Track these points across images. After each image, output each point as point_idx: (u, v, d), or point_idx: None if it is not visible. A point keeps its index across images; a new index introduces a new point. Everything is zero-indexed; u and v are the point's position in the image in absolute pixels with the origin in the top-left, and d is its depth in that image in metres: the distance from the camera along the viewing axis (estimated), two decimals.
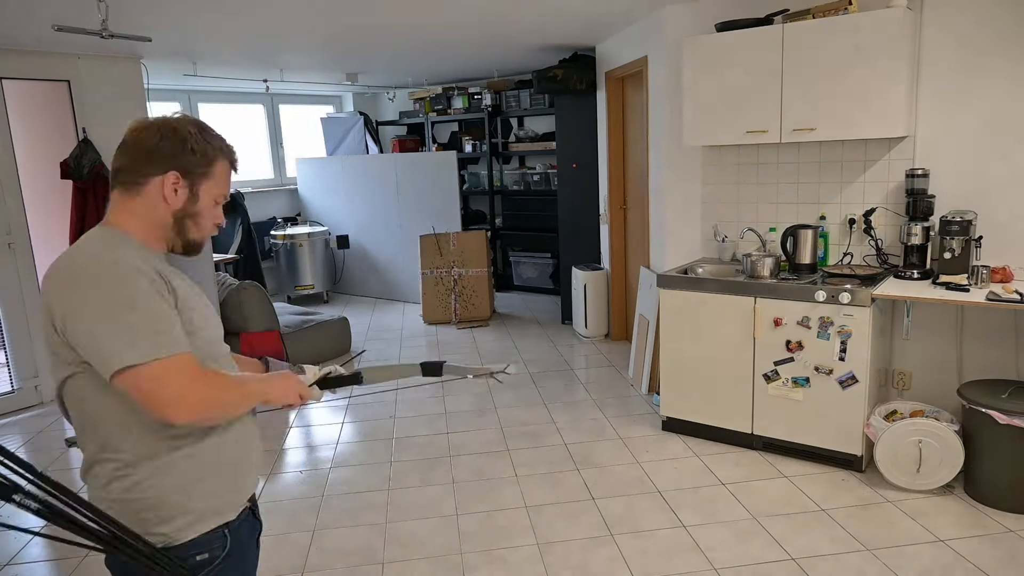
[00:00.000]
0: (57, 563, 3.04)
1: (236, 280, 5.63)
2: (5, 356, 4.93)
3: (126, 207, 1.41)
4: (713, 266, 4.11)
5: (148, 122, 1.42)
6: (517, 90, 7.30)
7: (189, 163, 1.41)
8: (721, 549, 2.87)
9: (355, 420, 4.46)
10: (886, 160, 3.63)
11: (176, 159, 1.40)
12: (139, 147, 1.39)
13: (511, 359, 5.50)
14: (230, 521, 1.45)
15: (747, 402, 3.67)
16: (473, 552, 2.94)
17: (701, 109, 3.84)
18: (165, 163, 1.39)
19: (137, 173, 1.39)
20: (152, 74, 5.59)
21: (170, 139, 1.39)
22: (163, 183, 1.39)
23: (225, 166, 1.48)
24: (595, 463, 3.69)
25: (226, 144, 1.48)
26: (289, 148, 8.51)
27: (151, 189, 1.39)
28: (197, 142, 1.41)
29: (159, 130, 1.39)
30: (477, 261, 6.71)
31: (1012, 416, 2.93)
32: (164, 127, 1.40)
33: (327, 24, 4.42)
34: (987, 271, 3.21)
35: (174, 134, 1.40)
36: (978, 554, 2.76)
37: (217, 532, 1.43)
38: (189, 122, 1.43)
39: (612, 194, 5.60)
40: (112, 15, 3.78)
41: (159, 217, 1.41)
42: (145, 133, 1.39)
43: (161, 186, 1.39)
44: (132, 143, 1.40)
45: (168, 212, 1.42)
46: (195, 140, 1.41)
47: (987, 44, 3.29)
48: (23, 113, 4.95)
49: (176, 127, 1.41)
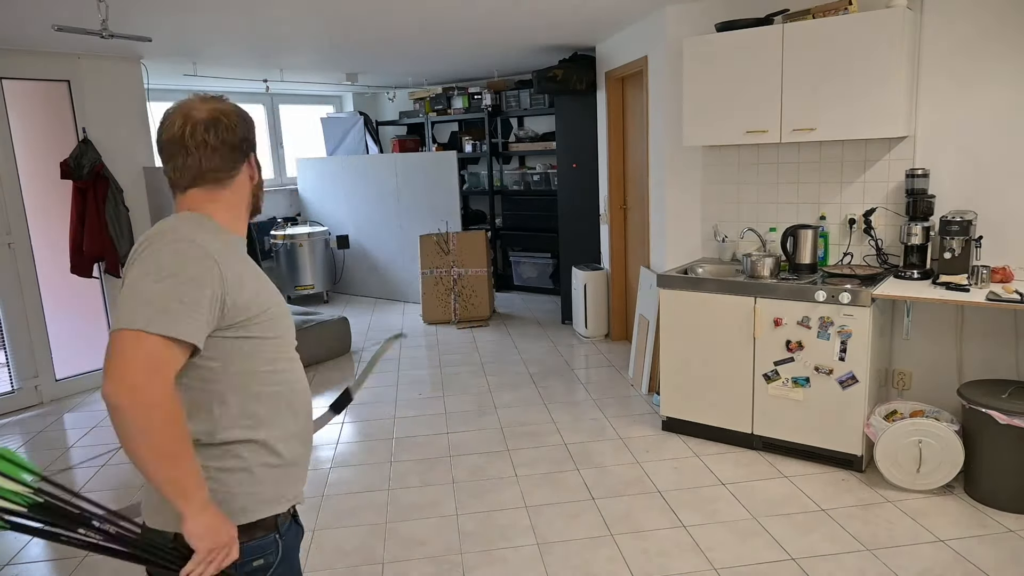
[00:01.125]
0: (57, 563, 3.04)
1: None
2: (5, 356, 4.92)
3: (213, 198, 1.41)
4: (713, 266, 4.11)
5: (221, 110, 1.40)
6: (517, 90, 7.30)
7: (255, 138, 1.48)
8: (721, 549, 2.87)
9: (355, 420, 4.46)
10: (886, 160, 3.63)
11: (253, 141, 1.47)
12: (229, 144, 1.40)
13: (511, 359, 5.50)
14: (280, 525, 1.45)
15: (747, 402, 3.67)
16: (473, 552, 2.94)
17: (701, 109, 3.84)
18: (249, 147, 1.45)
19: (233, 168, 1.42)
20: (152, 74, 5.60)
21: (246, 123, 1.44)
22: (249, 165, 1.46)
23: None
24: (595, 463, 3.69)
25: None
26: (289, 148, 8.51)
27: (241, 175, 1.45)
28: (247, 116, 1.46)
29: (238, 118, 1.42)
30: (477, 261, 6.71)
31: (1012, 416, 2.93)
32: (239, 114, 1.43)
33: (327, 24, 4.42)
34: (987, 271, 3.21)
35: (243, 119, 1.43)
36: (978, 554, 2.76)
37: (270, 538, 1.42)
38: (226, 102, 1.44)
39: (612, 194, 5.60)
40: (112, 15, 3.78)
41: (246, 196, 1.47)
42: (229, 131, 1.39)
43: (248, 168, 1.46)
44: (221, 142, 1.38)
45: (251, 190, 1.49)
46: (246, 115, 1.45)
47: (987, 44, 3.29)
48: (23, 113, 4.95)
49: (236, 111, 1.43)
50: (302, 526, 1.58)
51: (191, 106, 1.38)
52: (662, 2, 4.13)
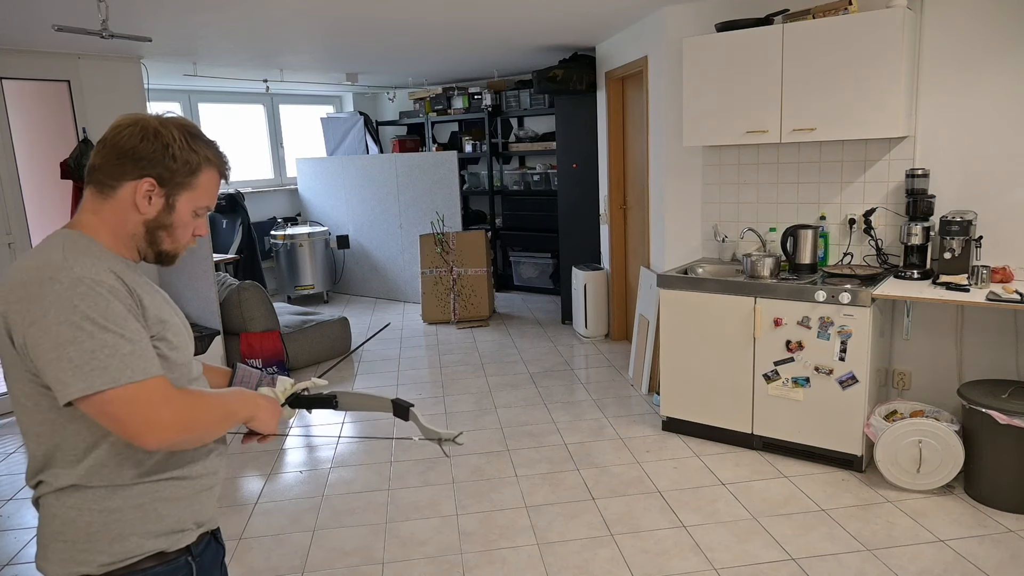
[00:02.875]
0: None
1: (236, 280, 5.63)
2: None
3: (96, 209, 1.30)
4: (713, 266, 4.11)
5: (131, 120, 1.31)
6: (517, 90, 7.30)
7: (168, 171, 1.29)
8: (721, 549, 2.87)
9: (355, 420, 4.46)
10: (886, 160, 3.63)
11: (153, 165, 1.28)
12: (116, 146, 1.28)
13: (511, 359, 5.50)
14: (191, 545, 1.38)
15: (747, 402, 3.67)
16: (473, 552, 2.94)
17: (701, 109, 3.84)
18: (141, 168, 1.28)
19: (111, 174, 1.28)
20: (152, 74, 5.60)
21: (151, 142, 1.28)
22: (136, 189, 1.28)
23: (212, 176, 1.36)
24: (595, 463, 3.69)
25: (216, 152, 1.36)
26: (289, 148, 8.51)
27: (124, 193, 1.29)
28: (180, 149, 1.30)
29: (141, 131, 1.28)
30: (477, 261, 6.71)
31: (1012, 416, 2.93)
32: (147, 128, 1.29)
33: (327, 24, 4.42)
34: (987, 271, 3.21)
35: (156, 137, 1.28)
36: (978, 554, 2.76)
37: (180, 560, 1.36)
38: (177, 125, 1.31)
39: (612, 194, 5.60)
40: (112, 15, 3.78)
41: (130, 225, 1.31)
42: (126, 132, 1.28)
43: (134, 192, 1.29)
44: (110, 141, 1.29)
45: (140, 221, 1.31)
46: (179, 146, 1.30)
47: (987, 44, 3.29)
48: (23, 113, 4.96)
49: (160, 130, 1.29)
50: (223, 545, 1.55)
51: (147, 116, 1.33)
52: (662, 2, 4.13)
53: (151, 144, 1.28)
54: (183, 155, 1.30)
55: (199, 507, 1.40)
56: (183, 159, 1.30)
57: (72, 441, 1.26)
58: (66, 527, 1.28)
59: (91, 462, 1.27)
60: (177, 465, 1.35)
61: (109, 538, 1.29)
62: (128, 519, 1.30)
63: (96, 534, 1.28)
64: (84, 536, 1.28)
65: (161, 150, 1.29)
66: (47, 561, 1.31)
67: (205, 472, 1.40)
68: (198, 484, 1.39)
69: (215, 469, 1.44)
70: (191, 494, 1.38)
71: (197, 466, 1.39)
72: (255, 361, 5.13)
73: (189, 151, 1.31)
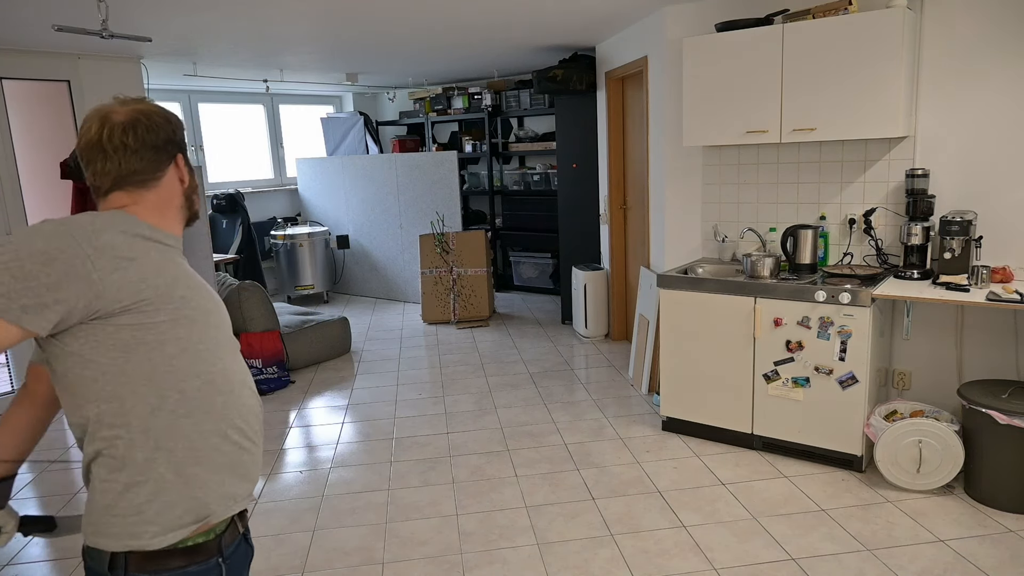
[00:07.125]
0: (57, 563, 3.04)
1: (236, 280, 5.63)
2: (5, 356, 4.92)
3: (137, 199, 1.35)
4: (713, 266, 4.12)
5: (141, 117, 1.34)
6: (517, 90, 7.30)
7: (182, 139, 1.42)
8: (721, 549, 2.88)
9: (355, 420, 4.46)
10: (886, 160, 3.63)
11: (179, 141, 1.41)
12: (150, 145, 1.34)
13: (511, 359, 5.50)
14: (224, 548, 1.37)
15: (747, 402, 3.67)
16: (473, 552, 2.94)
17: (701, 109, 3.84)
18: (171, 150, 1.39)
19: (153, 170, 1.36)
20: (152, 74, 5.60)
21: (171, 123, 1.39)
22: (177, 167, 1.40)
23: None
24: (595, 463, 3.69)
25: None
26: (289, 148, 8.51)
27: (167, 178, 1.39)
28: (172, 116, 1.41)
29: (161, 121, 1.36)
30: (477, 261, 6.71)
31: (1012, 416, 2.94)
32: (156, 116, 1.36)
33: (327, 24, 4.42)
34: (987, 271, 3.21)
35: (166, 120, 1.38)
36: (978, 554, 2.76)
37: (212, 562, 1.35)
38: (148, 103, 1.39)
39: (612, 194, 5.60)
40: (112, 15, 3.78)
41: (176, 199, 1.41)
42: (151, 132, 1.34)
43: (175, 171, 1.40)
44: (141, 144, 1.33)
45: (181, 191, 1.42)
46: (171, 114, 1.41)
47: (987, 44, 3.29)
48: (23, 113, 4.96)
49: (159, 112, 1.38)
50: (252, 546, 1.52)
51: (110, 109, 1.33)
52: (662, 2, 4.13)
53: (171, 126, 1.39)
54: (177, 120, 1.42)
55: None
56: (177, 122, 1.41)
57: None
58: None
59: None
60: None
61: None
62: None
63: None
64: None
65: (178, 126, 1.40)
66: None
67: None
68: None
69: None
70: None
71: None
72: (255, 361, 5.13)
73: (167, 113, 1.41)
